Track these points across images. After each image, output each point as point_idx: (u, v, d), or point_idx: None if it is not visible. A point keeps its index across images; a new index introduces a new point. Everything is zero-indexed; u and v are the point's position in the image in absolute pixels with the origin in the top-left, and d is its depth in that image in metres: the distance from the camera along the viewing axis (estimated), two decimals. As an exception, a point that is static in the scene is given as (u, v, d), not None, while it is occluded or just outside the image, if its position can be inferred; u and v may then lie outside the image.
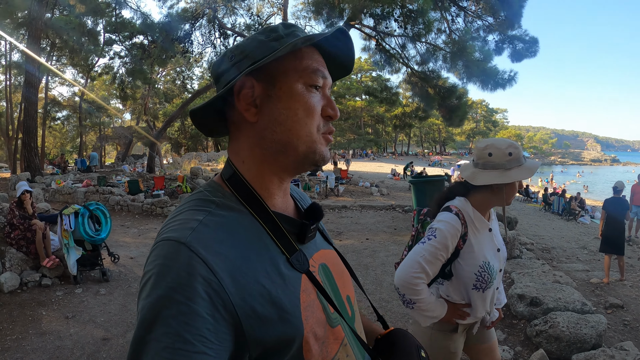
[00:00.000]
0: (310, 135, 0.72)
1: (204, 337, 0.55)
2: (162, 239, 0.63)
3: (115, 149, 44.86)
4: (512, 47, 15.28)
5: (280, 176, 0.76)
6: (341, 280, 0.82)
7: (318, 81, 0.73)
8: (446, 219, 1.69)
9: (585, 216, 15.58)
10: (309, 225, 0.76)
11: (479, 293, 1.73)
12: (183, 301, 0.56)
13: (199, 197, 0.72)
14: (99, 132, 37.40)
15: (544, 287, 4.44)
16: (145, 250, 6.87)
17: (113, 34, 19.64)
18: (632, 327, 4.38)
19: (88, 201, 11.05)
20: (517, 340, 3.84)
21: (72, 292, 4.93)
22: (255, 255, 0.65)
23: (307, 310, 0.67)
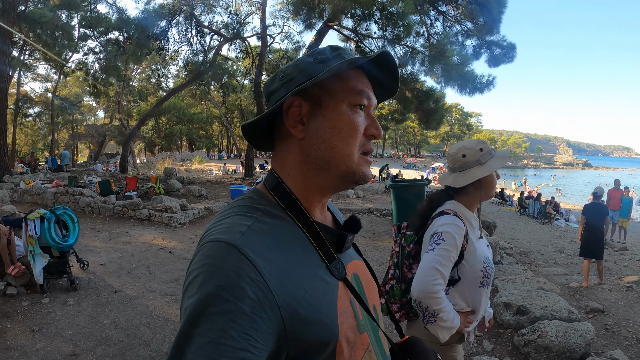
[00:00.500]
0: (352, 155, 0.75)
1: (249, 335, 0.57)
2: (211, 240, 0.65)
3: (87, 147, 43.68)
4: (490, 52, 15.49)
5: (322, 192, 0.80)
6: (369, 290, 0.86)
7: (362, 101, 0.76)
8: (449, 221, 1.72)
9: (560, 219, 15.91)
10: (347, 236, 0.80)
11: (484, 289, 1.78)
12: (231, 300, 0.57)
13: (245, 203, 0.75)
14: (72, 130, 36.31)
15: (529, 294, 4.40)
16: (115, 255, 6.56)
17: (88, 29, 19.07)
18: (614, 332, 4.41)
19: (57, 202, 10.67)
20: (505, 351, 3.78)
21: (39, 302, 4.62)
22: (299, 261, 0.69)
23: (342, 316, 0.70)
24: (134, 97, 38.06)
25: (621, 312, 5.05)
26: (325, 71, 0.71)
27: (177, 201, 10.14)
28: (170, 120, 47.85)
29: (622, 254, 9.39)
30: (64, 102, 31.87)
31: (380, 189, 19.12)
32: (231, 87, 26.29)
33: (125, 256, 6.56)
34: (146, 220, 9.31)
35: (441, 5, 15.77)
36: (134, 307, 4.60)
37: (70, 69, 21.86)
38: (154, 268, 6.05)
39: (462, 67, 14.65)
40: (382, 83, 0.83)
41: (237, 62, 26.99)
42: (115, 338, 3.89)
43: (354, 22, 15.03)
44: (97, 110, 44.12)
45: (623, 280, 6.47)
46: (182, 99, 46.12)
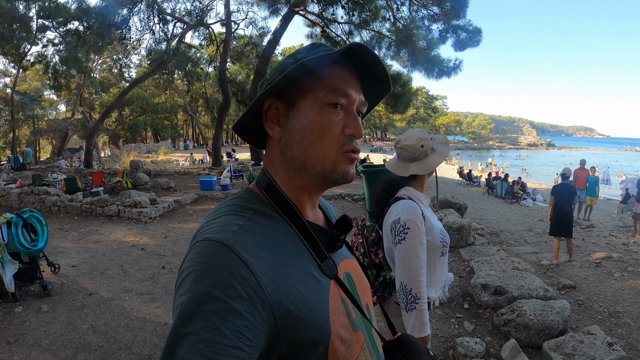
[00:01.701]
0: (326, 155, 0.74)
1: (241, 334, 0.57)
2: (204, 239, 0.65)
3: (50, 143, 42.00)
4: (456, 36, 15.67)
5: (307, 191, 0.79)
6: (362, 289, 0.87)
7: (338, 99, 0.74)
8: (407, 207, 1.88)
9: (527, 199, 16.39)
10: (338, 236, 0.81)
11: (444, 258, 1.99)
12: (223, 298, 0.57)
13: (238, 202, 0.75)
14: (33, 126, 34.75)
15: (505, 274, 4.54)
16: (87, 256, 6.35)
17: (46, 19, 18.16)
18: (587, 307, 4.60)
19: (22, 203, 10.24)
20: (486, 330, 3.89)
21: (12, 312, 4.41)
22: (291, 260, 0.69)
23: (334, 315, 0.71)
24: (95, 89, 36.63)
25: (592, 287, 5.25)
26: (290, 68, 0.71)
27: (146, 195, 9.89)
28: (134, 111, 46.55)
29: (589, 231, 9.78)
30: (24, 97, 30.44)
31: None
32: (195, 75, 25.72)
33: (97, 256, 6.37)
34: (115, 217, 9.05)
35: (407, -11, 15.81)
36: (111, 309, 4.48)
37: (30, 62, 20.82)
38: (127, 267, 5.89)
39: (429, 52, 14.79)
40: (375, 76, 0.81)
41: (201, 49, 26.37)
42: (94, 344, 3.76)
43: (320, 6, 14.91)
44: (58, 104, 42.28)
45: (592, 256, 6.71)
46: (146, 89, 44.87)
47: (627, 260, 6.42)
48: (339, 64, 0.75)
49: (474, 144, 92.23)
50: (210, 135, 55.30)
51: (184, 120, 57.16)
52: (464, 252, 6.10)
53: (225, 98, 19.23)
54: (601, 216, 13.55)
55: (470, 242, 6.60)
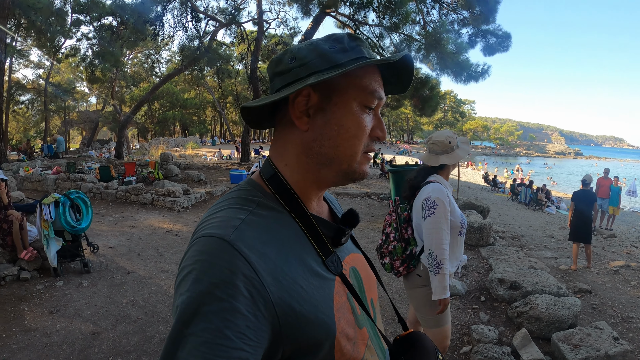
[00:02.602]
0: (355, 155, 0.73)
1: (244, 334, 0.56)
2: (204, 235, 0.63)
3: (80, 133, 43.31)
4: (485, 41, 15.58)
5: (319, 185, 0.77)
6: (368, 284, 0.84)
7: (373, 102, 0.73)
8: (436, 188, 2.30)
9: (551, 206, 16.23)
10: (344, 230, 0.78)
11: (460, 238, 2.38)
12: (225, 298, 0.56)
13: (240, 195, 0.73)
14: (64, 117, 35.98)
15: (522, 272, 4.72)
16: (123, 239, 6.73)
17: (81, 14, 18.83)
18: (601, 310, 4.68)
19: (59, 189, 10.76)
20: (500, 321, 4.07)
21: (53, 285, 4.75)
22: (294, 256, 0.67)
23: (339, 312, 0.69)
24: (127, 82, 37.72)
25: (607, 293, 5.30)
26: (348, 68, 0.67)
27: (179, 185, 10.30)
28: (164, 105, 47.52)
29: (610, 241, 9.68)
30: (57, 88, 31.48)
31: (375, 174, 19.32)
32: (226, 73, 26.22)
33: (133, 239, 6.75)
34: (149, 205, 9.48)
35: (437, -7, 15.84)
36: (149, 287, 4.79)
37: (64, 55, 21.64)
38: (163, 250, 6.25)
39: (458, 56, 14.78)
40: (394, 82, 0.80)
41: (232, 47, 26.87)
42: (133, 316, 4.07)
43: (353, 9, 15.06)
44: (89, 97, 43.66)
45: (610, 264, 6.72)
46: (176, 84, 45.75)
47: (646, 269, 6.42)
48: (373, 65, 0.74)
49: (501, 150, 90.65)
50: (238, 132, 56.01)
51: (212, 116, 57.98)
52: (484, 251, 6.25)
53: (255, 95, 19.57)
54: (625, 227, 13.32)
55: (490, 242, 6.72)
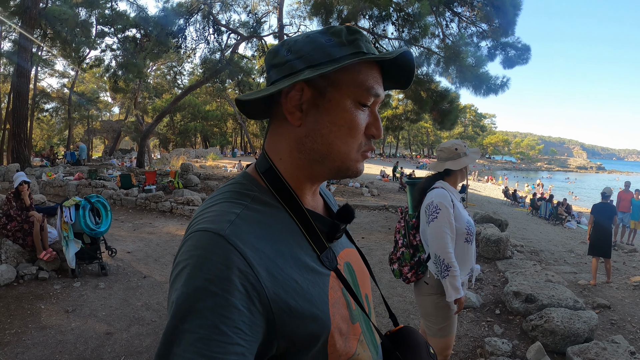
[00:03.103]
0: (349, 153, 0.72)
1: (239, 329, 0.56)
2: (199, 230, 0.63)
3: (102, 142, 44.36)
4: (505, 53, 15.49)
5: (312, 180, 0.76)
6: (362, 279, 0.84)
7: (369, 99, 0.71)
8: (438, 193, 2.33)
9: (571, 221, 15.91)
10: (339, 226, 0.77)
11: (468, 245, 2.35)
12: (220, 293, 0.56)
13: (234, 189, 0.72)
14: (87, 125, 36.94)
15: (538, 285, 4.63)
16: (141, 244, 6.86)
17: (106, 26, 19.43)
18: (619, 326, 4.57)
19: (80, 194, 11.04)
20: (514, 334, 4.00)
21: (71, 286, 4.87)
22: (289, 251, 0.66)
23: (334, 307, 0.69)
24: (149, 93, 38.55)
25: (627, 308, 5.18)
26: (347, 62, 0.65)
27: (198, 195, 10.47)
28: (185, 117, 48.32)
29: (632, 256, 9.43)
30: (81, 97, 32.39)
31: (394, 188, 19.27)
32: (248, 85, 26.58)
33: (151, 245, 6.87)
34: (168, 213, 9.64)
35: (456, 7, 15.83)
36: (164, 291, 4.85)
37: (88, 65, 22.31)
38: (179, 256, 6.31)
39: (477, 68, 14.72)
40: (395, 78, 0.78)
41: (253, 60, 27.28)
42: (147, 318, 4.14)
43: (372, 22, 15.18)
44: (112, 106, 44.81)
45: (631, 280, 6.56)
46: (197, 96, 46.52)
47: (668, 285, 6.23)
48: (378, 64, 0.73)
49: (522, 164, 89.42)
50: (258, 144, 56.53)
51: (233, 129, 58.70)
52: (500, 264, 6.15)
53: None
54: (645, 241, 12.96)
55: (507, 256, 6.61)
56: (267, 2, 21.40)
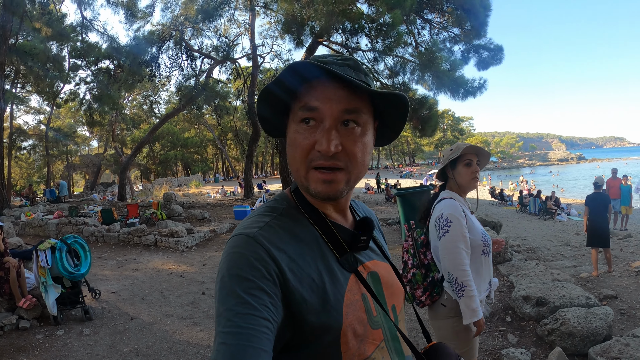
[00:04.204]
0: (299, 171, 0.77)
1: (267, 308, 0.65)
2: (235, 234, 0.75)
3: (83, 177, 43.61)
4: (478, 55, 15.64)
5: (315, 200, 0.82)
6: (389, 290, 0.88)
7: (305, 114, 0.75)
8: (447, 204, 2.12)
9: (561, 214, 15.93)
10: (358, 235, 0.84)
11: (485, 258, 2.15)
12: (251, 279, 0.66)
13: (270, 204, 0.84)
14: (67, 161, 36.26)
15: (546, 286, 4.47)
16: (126, 283, 6.51)
17: (78, 59, 19.19)
18: (630, 315, 4.49)
19: (60, 233, 10.61)
20: (530, 341, 3.82)
21: (54, 335, 4.53)
22: (310, 254, 0.76)
23: (348, 307, 0.75)
24: (127, 125, 38.10)
25: (634, 296, 5.13)
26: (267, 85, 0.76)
27: (182, 225, 10.12)
28: (165, 146, 47.96)
29: (627, 241, 9.43)
30: (58, 133, 31.82)
31: (380, 200, 19.12)
32: (224, 109, 26.42)
33: (137, 283, 6.52)
34: (152, 246, 9.27)
35: (427, 14, 16.00)
36: (153, 333, 4.54)
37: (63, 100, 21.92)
38: (167, 293, 5.99)
39: (453, 73, 14.80)
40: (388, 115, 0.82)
41: (228, 84, 27.19)
42: (137, 364, 3.83)
43: (345, 36, 15.21)
44: (90, 140, 44.25)
45: (631, 265, 6.52)
46: (175, 124, 46.27)
47: (669, 268, 6.20)
48: (319, 78, 0.75)
49: (503, 163, 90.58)
50: (240, 167, 56.31)
51: (214, 154, 58.43)
52: (502, 268, 6.00)
53: (254, 130, 19.63)
54: (637, 225, 13.03)
55: (507, 258, 6.47)
56: (238, 25, 21.36)
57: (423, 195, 7.93)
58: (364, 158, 0.77)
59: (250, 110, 19.48)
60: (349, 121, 0.74)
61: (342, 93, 0.74)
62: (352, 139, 0.75)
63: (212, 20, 18.47)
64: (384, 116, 0.83)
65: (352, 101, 0.74)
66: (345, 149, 0.74)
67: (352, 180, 0.78)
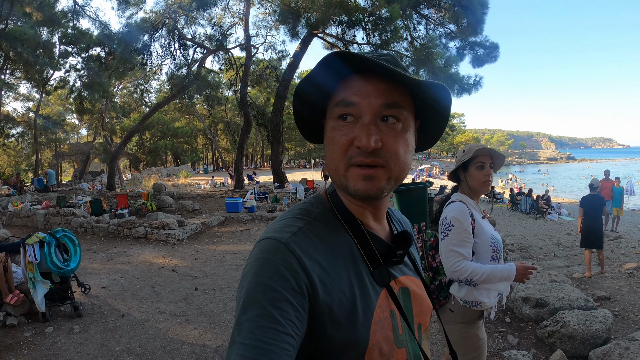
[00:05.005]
0: (337, 170, 0.73)
1: (292, 322, 0.61)
2: (266, 238, 0.70)
3: (71, 166, 42.94)
4: (474, 52, 15.66)
5: (355, 203, 0.78)
6: (418, 308, 0.84)
7: (342, 111, 0.71)
8: (454, 207, 2.09)
9: (552, 213, 16.08)
10: (394, 249, 0.79)
11: (494, 263, 2.09)
12: (279, 289, 0.62)
13: (304, 207, 0.79)
14: (55, 149, 35.65)
15: (544, 287, 4.48)
16: (116, 277, 6.37)
17: (69, 45, 18.74)
18: (623, 317, 4.53)
19: (48, 224, 10.41)
20: (530, 343, 3.83)
21: (42, 332, 4.37)
22: (343, 265, 0.72)
23: (376, 325, 0.72)
24: (117, 113, 37.57)
25: (626, 297, 5.18)
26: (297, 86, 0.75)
27: (173, 217, 9.97)
28: (155, 135, 47.48)
29: (618, 242, 9.56)
30: (47, 121, 31.23)
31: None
32: (216, 100, 26.17)
33: (127, 277, 6.38)
34: (143, 239, 9.12)
35: (423, 9, 15.93)
36: (145, 330, 4.41)
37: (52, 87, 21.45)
38: (159, 288, 5.86)
39: (448, 69, 14.78)
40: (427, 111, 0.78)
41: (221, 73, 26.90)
42: (129, 365, 3.71)
43: (341, 28, 15.08)
44: (80, 128, 43.48)
45: (623, 267, 6.60)
46: (166, 113, 45.81)
47: (660, 269, 6.30)
48: (358, 74, 0.72)
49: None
50: (230, 158, 56.01)
51: (204, 144, 57.99)
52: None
53: (246, 121, 19.49)
54: (628, 227, 13.23)
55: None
56: (233, 14, 21.05)
57: (419, 192, 7.91)
58: (406, 156, 0.73)
59: (242, 101, 19.30)
60: (389, 117, 0.71)
61: (382, 87, 0.70)
62: (392, 135, 0.71)
63: (207, 9, 18.21)
64: (426, 116, 0.79)
65: (392, 95, 0.70)
66: (385, 146, 0.70)
67: (394, 179, 0.73)
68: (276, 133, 18.92)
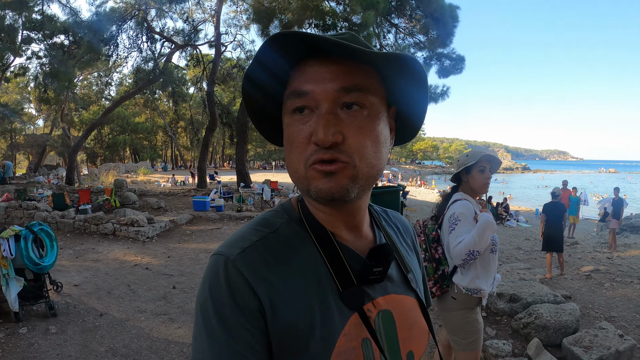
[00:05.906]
0: (297, 173, 0.62)
1: (251, 348, 0.58)
2: (216, 253, 0.64)
3: (26, 158, 40.75)
4: (440, 63, 16.10)
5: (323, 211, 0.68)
6: (407, 333, 0.70)
7: (294, 103, 0.61)
8: (461, 204, 2.34)
9: (511, 220, 16.79)
10: (370, 267, 0.66)
11: (493, 255, 2.38)
12: (230, 315, 0.58)
13: (266, 216, 0.71)
14: (11, 140, 33.74)
15: (516, 284, 4.91)
16: (88, 275, 6.17)
17: (32, 31, 17.78)
18: (584, 314, 4.86)
19: (9, 218, 9.90)
20: (507, 334, 4.16)
21: (16, 333, 4.12)
22: (303, 285, 0.62)
23: (339, 357, 0.61)
24: (77, 105, 36.03)
25: (586, 297, 5.57)
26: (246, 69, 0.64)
27: (142, 214, 9.76)
28: (114, 130, 45.93)
29: (574, 248, 10.17)
30: (5, 109, 29.51)
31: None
32: (182, 96, 25.67)
33: (99, 275, 6.21)
34: (111, 235, 8.89)
35: (394, 18, 16.28)
36: (128, 330, 4.29)
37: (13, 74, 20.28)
38: (135, 286, 5.74)
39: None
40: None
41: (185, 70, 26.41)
42: (118, 366, 3.60)
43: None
44: (37, 119, 41.41)
45: (581, 270, 7.08)
46: (126, 107, 44.38)
47: (614, 272, 6.82)
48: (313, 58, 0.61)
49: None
50: (189, 157, 54.86)
51: (163, 141, 56.57)
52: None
53: (212, 120, 19.25)
54: (582, 235, 14.04)
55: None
56: (204, 10, 20.78)
57: (393, 194, 8.32)
58: (376, 149, 0.61)
59: (209, 99, 19.07)
60: (352, 104, 0.59)
61: (338, 69, 0.59)
62: (356, 126, 0.59)
63: (179, 3, 17.84)
64: (402, 98, 0.67)
65: (352, 77, 0.59)
66: (347, 139, 0.59)
67: (361, 177, 0.60)
68: (242, 133, 18.81)
